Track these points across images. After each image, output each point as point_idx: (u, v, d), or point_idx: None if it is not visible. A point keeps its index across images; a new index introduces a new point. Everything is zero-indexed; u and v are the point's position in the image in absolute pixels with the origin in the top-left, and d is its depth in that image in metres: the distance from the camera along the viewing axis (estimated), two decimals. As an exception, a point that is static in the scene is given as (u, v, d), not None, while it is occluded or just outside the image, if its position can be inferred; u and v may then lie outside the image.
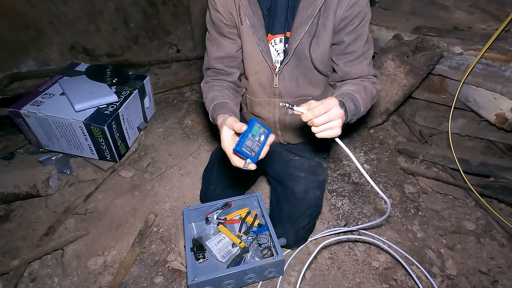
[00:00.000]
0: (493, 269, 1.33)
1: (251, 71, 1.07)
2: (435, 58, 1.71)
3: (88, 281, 1.25)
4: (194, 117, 2.13)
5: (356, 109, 0.89)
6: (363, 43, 0.97)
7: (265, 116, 1.18)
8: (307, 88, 1.08)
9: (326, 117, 0.74)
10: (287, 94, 1.08)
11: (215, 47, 1.05)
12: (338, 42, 0.98)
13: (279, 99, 1.09)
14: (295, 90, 1.07)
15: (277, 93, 1.08)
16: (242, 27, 0.96)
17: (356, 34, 0.95)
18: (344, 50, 0.98)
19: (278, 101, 1.10)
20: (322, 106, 0.74)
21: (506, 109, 1.63)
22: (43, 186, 1.51)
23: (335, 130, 0.77)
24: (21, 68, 2.22)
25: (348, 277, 1.28)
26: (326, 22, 0.92)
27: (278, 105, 1.10)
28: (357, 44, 0.96)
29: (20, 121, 1.62)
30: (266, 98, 1.11)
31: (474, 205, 1.59)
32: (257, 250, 1.24)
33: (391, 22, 2.05)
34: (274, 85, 1.05)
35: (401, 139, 2.00)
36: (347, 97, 0.88)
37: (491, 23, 1.81)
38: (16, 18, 2.06)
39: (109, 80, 1.78)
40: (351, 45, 0.96)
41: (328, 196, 1.62)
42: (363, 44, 0.97)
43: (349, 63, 0.99)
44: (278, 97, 1.09)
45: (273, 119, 1.17)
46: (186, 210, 1.27)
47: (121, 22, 2.44)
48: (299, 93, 1.08)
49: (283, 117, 1.15)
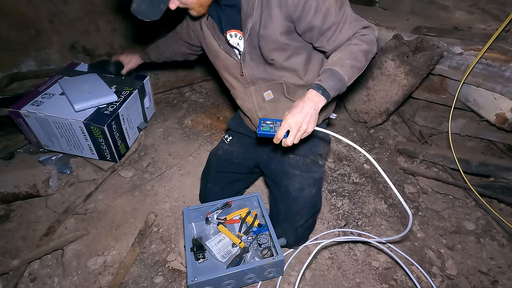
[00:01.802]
0: (493, 269, 1.33)
1: (221, 66, 1.18)
2: (435, 58, 1.71)
3: (88, 281, 1.25)
4: (194, 117, 2.13)
5: (339, 81, 0.92)
6: (334, 15, 0.92)
7: (247, 108, 1.22)
8: (273, 73, 1.10)
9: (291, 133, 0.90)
10: (258, 80, 1.13)
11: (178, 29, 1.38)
12: (309, 28, 0.96)
13: (254, 86, 1.15)
14: (263, 75, 1.12)
15: (249, 80, 1.13)
16: (202, 31, 1.13)
17: (322, 13, 0.91)
18: (319, 32, 0.97)
19: (253, 89, 1.15)
20: (281, 127, 0.90)
21: (506, 109, 1.63)
22: (43, 186, 1.51)
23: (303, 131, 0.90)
24: (21, 68, 2.22)
25: (348, 277, 1.28)
26: (272, 12, 0.94)
27: (254, 92, 1.16)
28: (328, 20, 0.93)
29: (20, 121, 1.62)
30: (242, 88, 1.18)
31: (474, 205, 1.59)
32: (257, 250, 1.24)
33: (391, 22, 2.05)
34: (241, 73, 1.12)
35: (401, 139, 2.00)
36: (326, 75, 0.93)
37: (491, 23, 1.81)
38: (16, 17, 2.06)
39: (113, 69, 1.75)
40: (324, 25, 0.94)
41: (328, 196, 1.62)
42: (334, 16, 0.93)
43: (331, 39, 0.97)
44: (252, 84, 1.15)
45: (254, 108, 1.20)
46: (186, 210, 1.27)
47: (121, 22, 2.44)
48: (268, 77, 1.12)
49: (262, 104, 1.18)
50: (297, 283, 1.05)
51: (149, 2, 0.88)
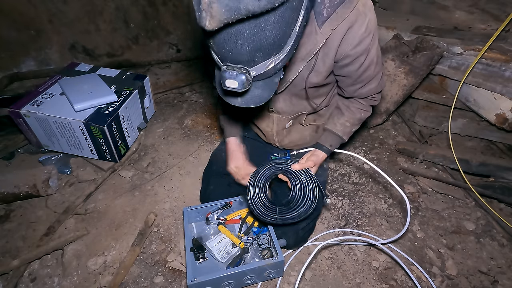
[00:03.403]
0: (493, 269, 1.33)
1: None
2: (435, 58, 1.71)
3: (88, 281, 1.25)
4: (194, 117, 2.13)
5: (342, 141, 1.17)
6: (372, 71, 0.99)
7: (263, 128, 1.25)
8: (301, 104, 1.14)
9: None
10: (283, 113, 1.16)
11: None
12: (346, 75, 1.00)
13: (277, 115, 1.17)
14: (290, 109, 1.14)
15: (275, 110, 1.16)
16: None
17: (364, 67, 0.97)
18: (353, 82, 1.02)
19: (276, 116, 1.17)
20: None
21: (506, 109, 1.63)
22: (43, 186, 1.51)
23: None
24: (21, 68, 2.22)
25: (348, 277, 1.28)
26: (326, 59, 0.95)
27: (276, 121, 1.19)
28: (366, 75, 1.00)
29: (20, 121, 1.62)
30: (265, 112, 1.19)
31: (474, 205, 1.59)
32: (257, 250, 1.24)
33: (391, 22, 2.05)
34: (270, 108, 1.15)
35: (401, 139, 2.00)
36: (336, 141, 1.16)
37: (491, 23, 1.81)
38: (16, 17, 2.06)
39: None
40: (360, 77, 1.00)
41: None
42: (372, 72, 0.99)
43: (359, 89, 1.06)
44: (276, 113, 1.17)
45: (271, 132, 1.24)
46: (186, 210, 1.27)
47: (121, 22, 2.44)
48: (295, 110, 1.15)
49: (281, 130, 1.22)
50: (297, 283, 1.05)
51: (264, 84, 0.74)
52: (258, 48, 0.61)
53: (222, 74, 0.65)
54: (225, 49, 0.62)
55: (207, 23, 0.52)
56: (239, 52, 0.61)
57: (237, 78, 0.64)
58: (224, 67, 0.65)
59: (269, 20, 0.57)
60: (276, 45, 0.63)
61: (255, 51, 0.62)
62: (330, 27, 0.86)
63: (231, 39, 0.59)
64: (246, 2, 0.50)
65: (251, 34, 0.58)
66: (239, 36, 0.58)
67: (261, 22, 0.56)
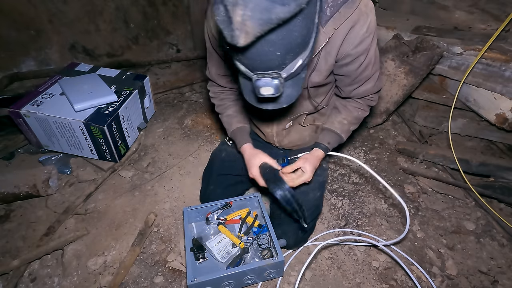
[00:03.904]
0: (493, 269, 1.33)
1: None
2: (435, 58, 1.71)
3: (88, 281, 1.25)
4: (194, 117, 2.13)
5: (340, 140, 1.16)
6: (369, 71, 1.00)
7: (263, 129, 1.25)
8: (301, 104, 1.14)
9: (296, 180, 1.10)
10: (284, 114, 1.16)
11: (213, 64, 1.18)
12: (346, 74, 1.01)
13: (278, 116, 1.17)
14: (291, 110, 1.14)
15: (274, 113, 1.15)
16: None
17: (363, 67, 0.97)
18: (351, 82, 1.03)
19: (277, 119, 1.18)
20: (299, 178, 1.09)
21: (506, 109, 1.63)
22: (43, 186, 1.51)
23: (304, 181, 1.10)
24: (21, 68, 2.22)
25: (348, 277, 1.28)
26: (328, 58, 0.95)
27: (276, 123, 1.20)
28: (364, 75, 1.00)
29: (20, 121, 1.62)
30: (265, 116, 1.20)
31: (474, 205, 1.59)
32: (257, 250, 1.24)
33: (391, 22, 2.05)
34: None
35: (401, 139, 2.00)
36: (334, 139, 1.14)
37: (491, 23, 1.81)
38: (16, 17, 2.06)
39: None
40: (359, 77, 1.01)
41: (328, 196, 1.62)
42: (370, 72, 1.00)
43: (356, 89, 1.06)
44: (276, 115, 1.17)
45: (271, 133, 1.25)
46: (186, 210, 1.27)
47: (121, 22, 2.44)
48: (295, 112, 1.16)
49: (281, 131, 1.23)
50: (297, 283, 1.05)
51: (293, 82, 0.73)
52: (288, 50, 0.62)
53: (255, 84, 0.65)
54: (256, 60, 0.62)
55: (241, 41, 0.51)
56: (270, 58, 0.62)
57: (271, 84, 0.64)
58: (255, 76, 0.65)
59: (296, 22, 0.57)
60: (303, 43, 0.63)
61: (285, 54, 0.62)
62: (333, 26, 0.86)
63: (263, 49, 0.59)
64: (277, 12, 0.50)
65: (281, 39, 0.58)
66: (270, 44, 0.58)
67: (290, 26, 0.56)
